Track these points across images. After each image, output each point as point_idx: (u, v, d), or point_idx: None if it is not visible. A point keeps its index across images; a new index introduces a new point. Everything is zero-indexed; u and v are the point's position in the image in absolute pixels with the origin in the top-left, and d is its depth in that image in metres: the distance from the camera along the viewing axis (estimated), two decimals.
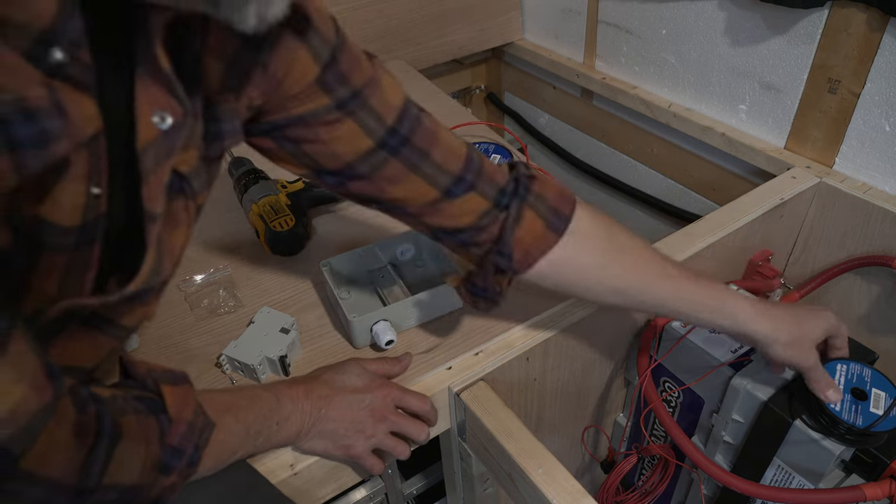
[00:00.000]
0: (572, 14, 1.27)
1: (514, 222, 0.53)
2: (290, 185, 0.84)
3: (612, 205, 1.38)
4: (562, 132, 1.45)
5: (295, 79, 0.43)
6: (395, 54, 1.28)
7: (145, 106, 0.34)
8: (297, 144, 0.47)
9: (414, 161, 0.50)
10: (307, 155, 0.48)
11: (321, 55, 0.44)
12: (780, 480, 0.70)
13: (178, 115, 0.35)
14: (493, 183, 0.53)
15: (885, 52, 0.80)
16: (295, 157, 0.49)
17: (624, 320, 0.79)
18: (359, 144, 0.48)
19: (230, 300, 0.73)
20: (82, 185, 0.32)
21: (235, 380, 0.64)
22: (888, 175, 0.87)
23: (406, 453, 0.60)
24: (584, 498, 0.55)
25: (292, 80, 0.43)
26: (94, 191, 0.33)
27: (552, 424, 0.83)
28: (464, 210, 0.53)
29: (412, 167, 0.50)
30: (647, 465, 0.93)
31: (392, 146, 0.49)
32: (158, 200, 0.36)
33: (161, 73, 0.34)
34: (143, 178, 0.35)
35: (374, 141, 0.48)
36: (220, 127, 0.41)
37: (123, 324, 0.41)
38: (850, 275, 0.93)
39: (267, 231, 0.77)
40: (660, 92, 1.16)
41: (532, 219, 0.54)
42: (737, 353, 0.73)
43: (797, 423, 0.65)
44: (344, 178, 0.50)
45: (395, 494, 0.93)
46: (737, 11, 0.95)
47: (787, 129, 0.97)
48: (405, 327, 0.69)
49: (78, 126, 0.30)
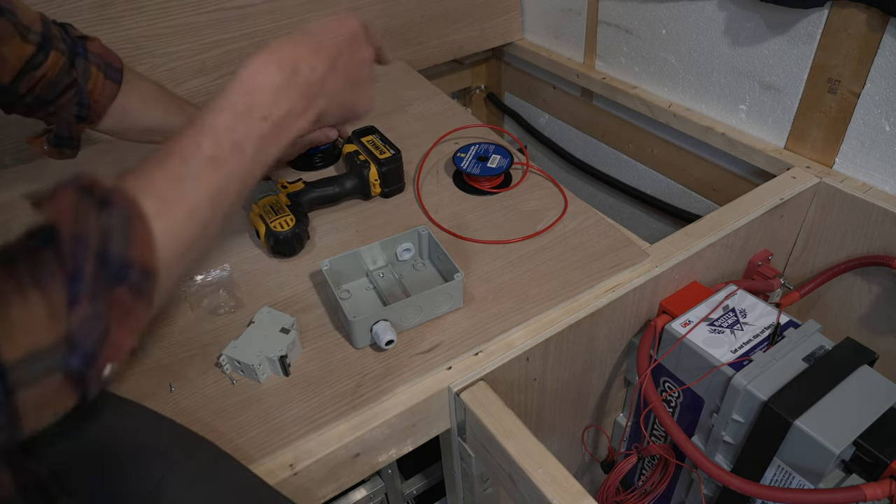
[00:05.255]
0: (572, 14, 1.27)
1: (84, 78, 0.69)
2: (290, 185, 0.84)
3: (612, 205, 1.38)
4: (562, 132, 1.45)
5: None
6: (395, 54, 1.28)
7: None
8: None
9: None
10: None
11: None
12: (780, 480, 0.70)
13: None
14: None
15: (885, 52, 0.80)
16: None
17: (624, 321, 0.79)
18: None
19: (230, 300, 0.73)
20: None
21: (236, 380, 0.64)
22: (888, 175, 0.87)
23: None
24: (584, 498, 0.55)
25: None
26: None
27: (552, 424, 0.83)
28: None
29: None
30: (647, 465, 0.93)
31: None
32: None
33: None
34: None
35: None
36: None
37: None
38: (850, 275, 0.93)
39: (267, 231, 0.77)
40: (660, 92, 1.16)
41: (95, 73, 0.70)
42: (737, 353, 0.73)
43: (797, 422, 0.65)
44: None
45: (395, 494, 0.93)
46: (737, 11, 0.95)
47: (787, 129, 0.97)
48: (405, 327, 0.69)
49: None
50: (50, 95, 0.68)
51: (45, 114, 0.70)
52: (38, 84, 0.67)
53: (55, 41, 0.67)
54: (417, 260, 0.78)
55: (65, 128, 0.71)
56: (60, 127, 0.71)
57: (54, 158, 0.74)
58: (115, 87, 0.73)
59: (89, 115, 0.72)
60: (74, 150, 0.75)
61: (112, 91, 0.73)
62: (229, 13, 1.07)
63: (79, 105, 0.70)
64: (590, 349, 0.78)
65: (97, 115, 0.72)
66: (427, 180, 0.93)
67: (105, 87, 0.72)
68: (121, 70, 0.74)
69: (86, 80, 0.70)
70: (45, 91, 0.68)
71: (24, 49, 0.64)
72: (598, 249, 0.79)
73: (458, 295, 0.70)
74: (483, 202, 0.88)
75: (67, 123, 0.71)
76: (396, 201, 0.89)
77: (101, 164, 0.97)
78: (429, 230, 0.76)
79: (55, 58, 0.67)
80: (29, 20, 0.65)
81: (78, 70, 0.69)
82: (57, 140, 0.72)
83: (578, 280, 0.75)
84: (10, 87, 0.65)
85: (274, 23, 1.12)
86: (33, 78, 0.66)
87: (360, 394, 0.63)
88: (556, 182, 0.91)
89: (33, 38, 0.65)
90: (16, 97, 0.67)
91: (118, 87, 0.73)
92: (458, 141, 1.01)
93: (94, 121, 0.73)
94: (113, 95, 0.73)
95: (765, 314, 0.78)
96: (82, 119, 0.72)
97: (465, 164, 0.90)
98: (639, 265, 0.77)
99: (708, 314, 0.78)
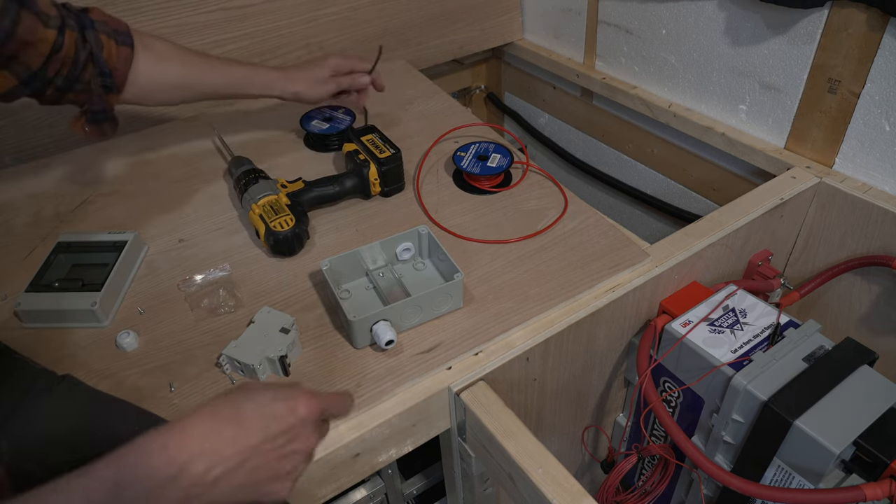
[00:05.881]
0: (572, 14, 1.27)
1: (98, 48, 0.71)
2: (290, 185, 0.84)
3: (612, 205, 1.38)
4: (562, 132, 1.45)
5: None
6: (395, 54, 1.28)
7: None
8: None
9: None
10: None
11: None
12: (780, 480, 0.70)
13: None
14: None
15: (885, 52, 0.80)
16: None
17: (624, 321, 0.79)
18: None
19: (230, 300, 0.73)
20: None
21: (235, 379, 0.64)
22: (888, 175, 0.87)
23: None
24: (584, 498, 0.55)
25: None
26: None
27: (552, 424, 0.83)
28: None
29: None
30: (647, 465, 0.93)
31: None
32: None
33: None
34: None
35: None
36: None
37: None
38: (850, 275, 0.93)
39: (267, 231, 0.77)
40: (660, 92, 1.16)
41: (106, 41, 0.72)
42: (737, 353, 0.73)
43: (797, 423, 0.65)
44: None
45: (395, 494, 0.93)
46: (737, 11, 0.95)
47: (787, 129, 0.97)
48: (405, 327, 0.69)
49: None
50: (74, 72, 0.70)
51: (75, 93, 0.72)
52: (63, 65, 0.69)
53: (66, 19, 0.69)
54: (417, 260, 0.78)
55: (97, 101, 0.73)
56: (93, 101, 0.73)
57: (96, 138, 0.76)
58: (129, 50, 0.74)
59: (114, 84, 0.73)
60: (113, 123, 0.76)
61: (127, 55, 0.74)
62: (229, 13, 1.07)
63: (101, 75, 0.72)
64: (590, 349, 0.78)
65: (120, 82, 0.74)
66: (427, 179, 0.93)
67: (119, 52, 0.73)
68: (129, 33, 0.75)
69: (100, 49, 0.71)
70: (70, 69, 0.70)
71: (48, 35, 0.67)
72: (598, 249, 0.79)
73: (458, 295, 0.70)
74: (483, 201, 0.88)
75: (98, 96, 0.73)
76: (396, 201, 0.89)
77: (101, 163, 0.97)
78: (429, 230, 0.76)
79: (70, 35, 0.69)
80: (45, 6, 0.67)
81: (90, 41, 0.70)
82: (93, 116, 0.74)
83: (578, 280, 0.75)
84: (39, 71, 0.68)
85: (274, 23, 1.12)
86: (58, 59, 0.68)
87: (360, 394, 0.63)
88: (556, 181, 0.91)
89: (53, 22, 0.67)
90: (46, 81, 0.69)
91: (132, 50, 0.74)
92: (458, 140, 1.01)
93: (119, 89, 0.75)
94: (129, 59, 0.74)
95: (765, 314, 0.78)
96: (108, 88, 0.73)
97: (466, 163, 0.90)
98: (639, 265, 0.77)
99: (708, 314, 0.78)
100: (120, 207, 0.89)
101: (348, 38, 1.21)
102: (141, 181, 0.94)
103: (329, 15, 1.17)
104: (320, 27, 1.17)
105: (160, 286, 0.76)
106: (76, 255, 0.76)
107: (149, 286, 0.76)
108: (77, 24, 0.70)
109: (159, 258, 0.80)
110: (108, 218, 0.87)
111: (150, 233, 0.84)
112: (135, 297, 0.75)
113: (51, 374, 0.60)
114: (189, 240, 0.83)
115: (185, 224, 0.86)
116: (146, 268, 0.79)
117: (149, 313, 0.72)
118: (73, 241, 0.77)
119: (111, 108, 0.75)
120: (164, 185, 0.93)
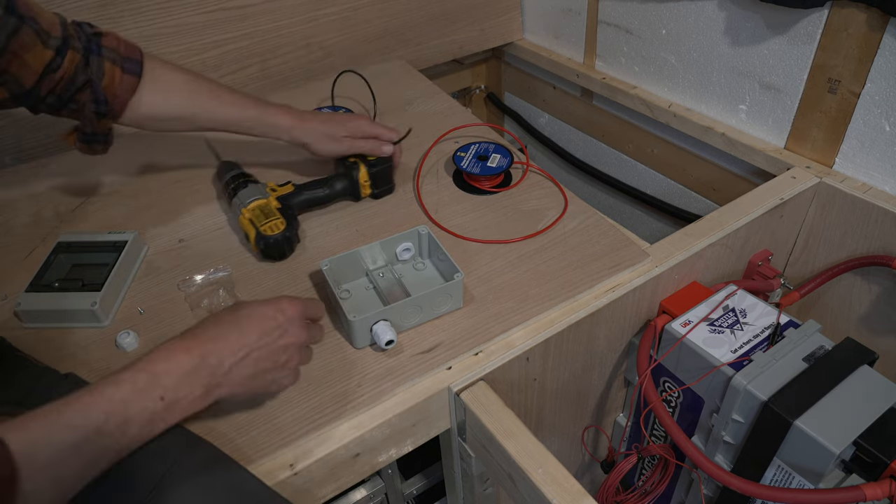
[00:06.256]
0: (572, 14, 1.27)
1: (98, 76, 0.70)
2: (279, 189, 0.83)
3: (612, 205, 1.38)
4: (562, 132, 1.45)
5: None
6: (395, 54, 1.28)
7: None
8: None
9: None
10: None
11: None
12: (780, 480, 0.70)
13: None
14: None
15: (885, 52, 0.80)
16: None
17: (624, 321, 0.79)
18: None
19: (230, 300, 0.73)
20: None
21: None
22: (888, 175, 0.87)
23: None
24: (584, 498, 0.55)
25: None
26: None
27: (552, 424, 0.83)
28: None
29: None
30: (647, 465, 0.93)
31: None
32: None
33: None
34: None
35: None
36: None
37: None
38: (850, 275, 0.93)
39: (257, 235, 0.76)
40: (660, 92, 1.16)
41: (110, 68, 0.71)
42: (737, 353, 0.73)
43: (797, 423, 0.65)
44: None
45: (395, 494, 0.93)
46: (737, 11, 0.95)
47: (787, 129, 0.97)
48: (405, 327, 0.69)
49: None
50: (68, 93, 0.70)
51: (69, 112, 0.72)
52: (58, 84, 0.69)
53: (71, 40, 0.68)
54: (417, 260, 0.78)
55: (88, 124, 0.73)
56: (84, 124, 0.73)
57: (86, 154, 0.76)
58: (134, 79, 0.73)
59: (109, 111, 0.73)
60: (104, 145, 0.77)
61: (130, 84, 0.73)
62: (229, 13, 1.07)
63: (95, 102, 0.71)
64: (590, 349, 0.78)
65: (118, 109, 0.73)
66: (427, 179, 0.93)
67: (123, 80, 0.72)
68: (140, 62, 0.74)
69: (100, 77, 0.70)
70: (64, 90, 0.69)
71: (45, 55, 0.66)
72: (598, 249, 0.79)
73: (458, 295, 0.70)
74: (483, 201, 0.88)
75: (89, 120, 0.72)
76: (396, 201, 0.89)
77: (101, 163, 0.97)
78: (429, 230, 0.76)
79: (71, 56, 0.68)
80: (49, 25, 0.67)
81: (92, 68, 0.70)
82: (83, 137, 0.74)
83: (578, 280, 0.75)
84: (32, 90, 0.68)
85: (274, 23, 1.12)
86: (52, 80, 0.68)
87: (360, 394, 0.63)
88: (556, 181, 0.91)
89: (53, 43, 0.67)
90: (38, 99, 0.69)
91: (137, 79, 0.73)
92: (458, 140, 1.01)
93: (116, 116, 0.74)
94: (132, 88, 0.73)
95: (765, 314, 0.78)
96: (102, 115, 0.73)
97: (466, 163, 0.90)
98: (639, 265, 0.77)
99: (708, 314, 0.78)
100: (120, 207, 0.89)
101: (348, 38, 1.21)
102: (141, 181, 0.94)
103: (329, 15, 1.17)
104: (320, 27, 1.17)
105: (160, 286, 0.76)
106: (76, 255, 0.76)
107: (149, 286, 0.76)
108: (83, 48, 0.70)
109: (159, 258, 0.80)
110: (108, 218, 0.87)
111: (150, 233, 0.84)
112: (135, 297, 0.75)
113: (54, 373, 0.60)
114: (189, 240, 0.83)
115: (185, 224, 0.86)
116: (146, 268, 0.79)
117: (149, 313, 0.72)
118: (73, 241, 0.77)
119: (103, 132, 0.75)
120: (165, 185, 0.93)
